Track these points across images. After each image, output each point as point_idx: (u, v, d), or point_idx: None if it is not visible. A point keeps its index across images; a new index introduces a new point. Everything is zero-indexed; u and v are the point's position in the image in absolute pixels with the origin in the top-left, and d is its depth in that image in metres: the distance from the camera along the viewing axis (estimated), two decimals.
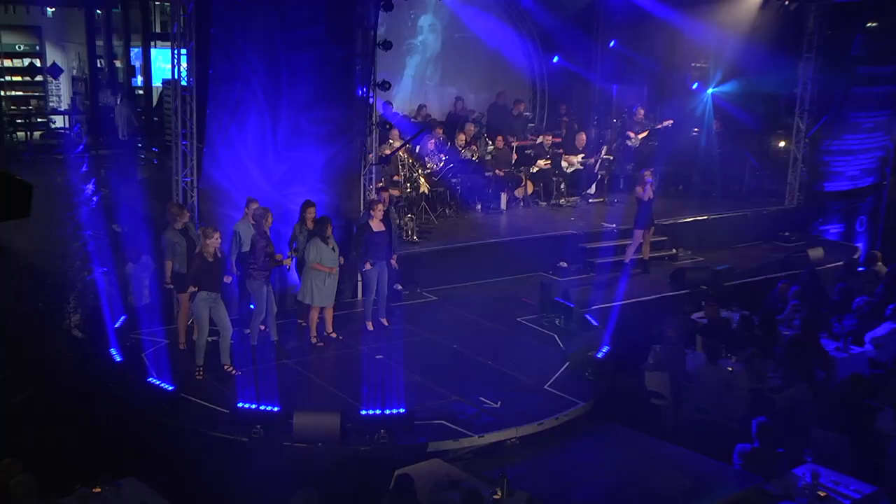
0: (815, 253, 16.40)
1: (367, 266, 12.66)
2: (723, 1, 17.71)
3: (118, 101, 19.45)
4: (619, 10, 18.19)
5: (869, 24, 17.94)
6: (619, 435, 10.79)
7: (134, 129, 18.88)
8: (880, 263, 15.78)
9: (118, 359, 11.46)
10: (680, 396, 11.31)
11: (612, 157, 18.68)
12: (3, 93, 19.63)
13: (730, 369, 11.33)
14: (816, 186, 18.48)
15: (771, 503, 8.97)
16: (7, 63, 20.10)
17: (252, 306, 11.96)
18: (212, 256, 11.15)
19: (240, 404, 10.29)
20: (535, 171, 18.06)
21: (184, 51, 12.70)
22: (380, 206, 12.75)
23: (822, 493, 8.92)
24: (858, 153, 18.74)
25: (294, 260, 12.22)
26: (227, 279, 11.55)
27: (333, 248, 12.02)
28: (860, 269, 16.15)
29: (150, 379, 10.97)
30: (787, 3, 17.29)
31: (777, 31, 17.56)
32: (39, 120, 20.15)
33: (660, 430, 11.15)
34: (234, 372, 11.34)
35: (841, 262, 16.33)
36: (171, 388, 10.76)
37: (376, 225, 12.61)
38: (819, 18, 17.57)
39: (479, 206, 17.40)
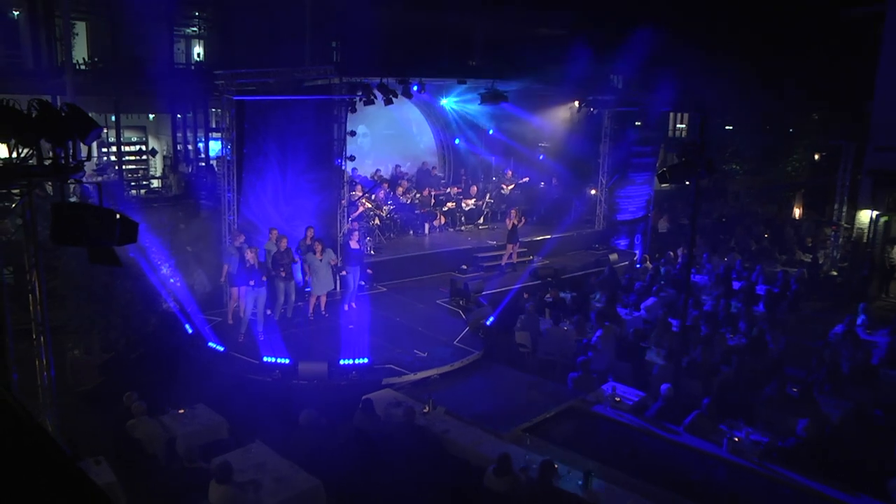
0: (613, 257, 16.67)
1: (344, 273, 12.52)
2: (556, 106, 17.95)
3: (169, 170, 19.98)
4: (494, 112, 18.25)
5: (637, 123, 18.48)
6: (500, 371, 10.83)
7: (182, 188, 18.53)
8: (648, 262, 16.23)
9: (190, 330, 11.15)
10: (536, 346, 11.38)
11: (492, 201, 18.66)
12: (124, 167, 19.85)
13: (565, 328, 11.47)
14: (613, 217, 18.79)
15: (588, 407, 9.11)
16: (126, 148, 20.68)
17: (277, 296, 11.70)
18: (257, 264, 10.96)
19: (265, 358, 10.08)
20: (445, 209, 17.93)
21: (228, 138, 12.41)
22: (356, 234, 12.77)
23: (617, 399, 9.13)
24: (635, 197, 19.10)
25: (300, 261, 11.91)
26: (264, 277, 11.26)
27: (321, 259, 11.78)
28: (638, 265, 16.53)
29: (210, 343, 10.68)
30: (592, 109, 17.64)
31: (587, 125, 17.86)
32: (144, 182, 20.29)
33: (524, 367, 11.22)
34: (261, 338, 11.00)
35: (627, 262, 16.70)
36: (223, 348, 10.52)
37: (354, 245, 12.55)
38: (610, 118, 17.88)
39: (411, 232, 17.16)
